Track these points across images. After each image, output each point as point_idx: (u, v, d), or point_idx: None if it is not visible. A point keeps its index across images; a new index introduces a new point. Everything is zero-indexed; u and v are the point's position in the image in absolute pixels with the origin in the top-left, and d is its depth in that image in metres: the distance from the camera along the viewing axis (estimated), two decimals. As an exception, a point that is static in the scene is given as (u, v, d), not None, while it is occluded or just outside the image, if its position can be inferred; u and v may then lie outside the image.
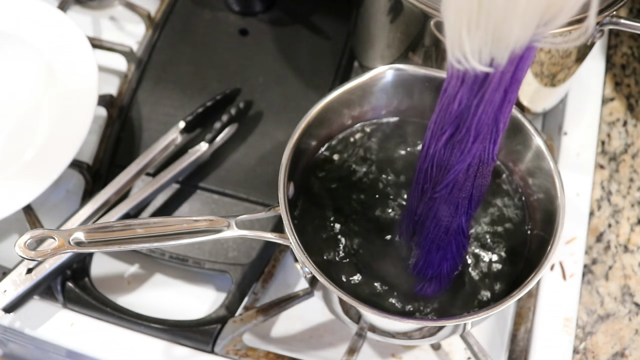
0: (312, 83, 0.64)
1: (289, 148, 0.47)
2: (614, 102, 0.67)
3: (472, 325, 0.48)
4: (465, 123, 0.34)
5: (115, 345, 0.53)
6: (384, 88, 0.51)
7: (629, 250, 0.59)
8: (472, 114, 0.33)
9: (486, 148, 0.35)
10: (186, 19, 0.69)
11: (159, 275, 0.59)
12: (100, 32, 0.73)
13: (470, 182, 0.37)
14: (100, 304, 0.54)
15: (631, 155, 0.64)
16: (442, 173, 0.37)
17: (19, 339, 0.55)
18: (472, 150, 0.35)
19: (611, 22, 0.50)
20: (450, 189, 0.38)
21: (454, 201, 0.39)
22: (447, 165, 0.37)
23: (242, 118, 0.61)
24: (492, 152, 0.36)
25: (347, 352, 0.50)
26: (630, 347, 0.55)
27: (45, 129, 0.59)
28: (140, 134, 0.62)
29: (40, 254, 0.41)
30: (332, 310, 0.49)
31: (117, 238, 0.43)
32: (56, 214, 0.60)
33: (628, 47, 0.70)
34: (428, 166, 0.38)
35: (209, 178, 0.60)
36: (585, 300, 0.57)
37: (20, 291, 0.51)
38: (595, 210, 0.61)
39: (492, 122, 0.34)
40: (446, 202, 0.39)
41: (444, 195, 0.38)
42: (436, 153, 0.36)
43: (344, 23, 0.67)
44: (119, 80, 0.69)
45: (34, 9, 0.64)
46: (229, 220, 0.45)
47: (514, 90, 0.32)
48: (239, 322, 0.53)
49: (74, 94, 0.60)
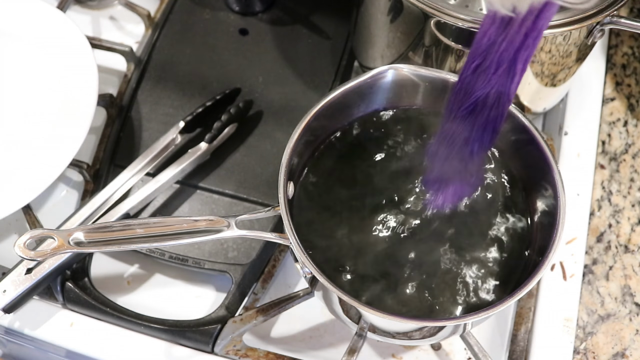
0: (312, 83, 0.64)
1: (289, 148, 0.47)
2: (615, 102, 0.67)
3: (472, 325, 0.48)
4: (490, 56, 0.40)
5: (115, 345, 0.53)
6: (384, 88, 0.51)
7: (629, 250, 0.59)
8: (496, 50, 0.39)
9: (504, 84, 0.41)
10: (186, 18, 0.69)
11: (159, 275, 0.59)
12: (100, 32, 0.73)
13: (486, 112, 0.42)
14: (100, 304, 0.54)
15: (632, 155, 0.64)
16: (467, 97, 0.43)
17: (18, 339, 0.55)
18: (491, 80, 0.41)
19: (612, 22, 0.50)
20: (470, 111, 0.43)
21: (470, 123, 0.43)
22: (472, 90, 0.42)
23: (242, 118, 0.61)
24: (509, 91, 0.41)
25: (347, 352, 0.50)
26: (631, 348, 0.55)
27: (45, 129, 0.59)
28: (140, 134, 0.62)
29: (40, 254, 0.41)
30: (332, 310, 0.49)
31: (117, 238, 0.43)
32: (56, 214, 0.60)
33: (629, 47, 0.70)
34: (459, 88, 0.43)
35: (209, 178, 0.60)
36: (585, 301, 0.56)
37: (20, 291, 0.51)
38: (596, 211, 0.61)
39: (512, 60, 0.39)
40: (464, 123, 0.44)
41: (464, 115, 0.43)
42: (466, 78, 0.42)
43: (344, 23, 0.67)
44: (118, 80, 0.69)
45: (34, 8, 0.64)
46: (229, 220, 0.45)
47: (534, 36, 0.38)
48: (239, 322, 0.53)
49: (73, 94, 0.60)
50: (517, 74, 0.40)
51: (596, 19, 0.48)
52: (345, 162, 0.52)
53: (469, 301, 0.47)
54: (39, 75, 0.62)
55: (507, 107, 0.43)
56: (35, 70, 0.62)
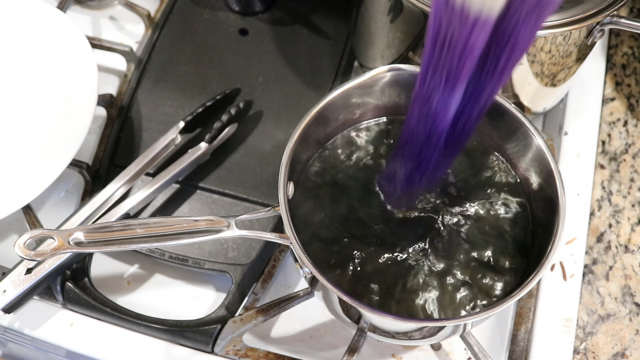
0: (312, 83, 0.64)
1: (289, 148, 0.47)
2: (615, 102, 0.67)
3: (472, 325, 0.48)
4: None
5: (114, 345, 0.53)
6: (384, 88, 0.51)
7: (629, 250, 0.59)
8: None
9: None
10: (186, 18, 0.69)
11: (159, 276, 0.59)
12: (100, 32, 0.73)
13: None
14: (100, 304, 0.54)
15: (632, 155, 0.64)
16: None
17: (18, 339, 0.55)
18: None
19: (611, 22, 0.50)
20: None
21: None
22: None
23: (242, 118, 0.61)
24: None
25: (347, 352, 0.50)
26: (631, 348, 0.55)
27: (44, 129, 0.59)
28: (140, 134, 0.62)
29: (40, 254, 0.41)
30: (332, 310, 0.49)
31: (117, 238, 0.43)
32: (56, 214, 0.60)
33: (628, 47, 0.70)
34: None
35: (208, 178, 0.60)
36: (585, 301, 0.56)
37: (20, 291, 0.51)
38: (596, 211, 0.61)
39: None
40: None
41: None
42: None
43: (344, 23, 0.67)
44: (118, 80, 0.69)
45: (34, 8, 0.64)
46: (229, 220, 0.45)
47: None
48: (239, 322, 0.53)
49: (73, 94, 0.60)
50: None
51: (596, 19, 0.48)
52: (345, 162, 0.52)
53: (469, 300, 0.47)
54: (39, 75, 0.62)
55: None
56: (35, 70, 0.62)
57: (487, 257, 0.48)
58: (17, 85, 0.62)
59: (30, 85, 0.62)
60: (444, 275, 0.47)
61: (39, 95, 0.61)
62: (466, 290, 0.47)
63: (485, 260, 0.48)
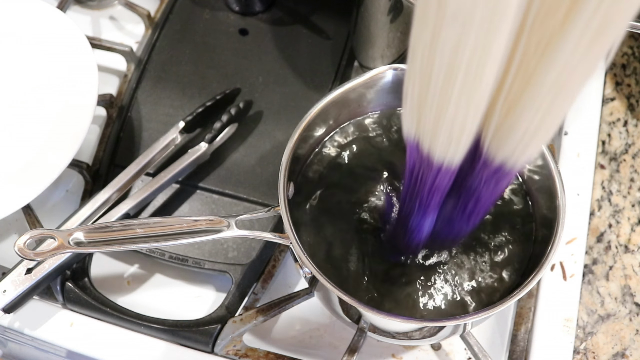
0: (312, 83, 0.64)
1: (289, 148, 0.47)
2: (615, 101, 0.67)
3: (472, 325, 0.48)
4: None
5: (115, 345, 0.53)
6: (384, 88, 0.51)
7: (629, 250, 0.59)
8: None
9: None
10: (186, 18, 0.69)
11: (159, 276, 0.59)
12: (100, 32, 0.73)
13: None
14: (100, 304, 0.54)
15: (632, 155, 0.64)
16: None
17: (18, 339, 0.55)
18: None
19: (612, 22, 0.49)
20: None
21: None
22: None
23: (242, 118, 0.61)
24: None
25: (347, 352, 0.50)
26: (631, 348, 0.55)
27: (44, 129, 0.59)
28: (140, 134, 0.62)
29: (40, 254, 0.41)
30: (332, 310, 0.49)
31: (117, 238, 0.43)
32: (56, 214, 0.60)
33: (628, 47, 0.70)
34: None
35: (208, 178, 0.60)
36: (585, 301, 0.56)
37: (20, 291, 0.51)
38: (596, 211, 0.61)
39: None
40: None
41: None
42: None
43: (344, 23, 0.67)
44: (118, 80, 0.69)
45: (33, 8, 0.64)
46: (229, 220, 0.45)
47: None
48: (239, 322, 0.53)
49: (73, 94, 0.60)
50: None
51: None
52: (345, 162, 0.52)
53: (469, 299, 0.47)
54: (38, 75, 0.62)
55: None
56: (35, 70, 0.62)
57: (487, 256, 0.48)
58: (17, 85, 0.62)
59: (30, 85, 0.62)
60: (444, 275, 0.47)
61: (39, 95, 0.61)
62: (466, 290, 0.47)
63: (486, 259, 0.48)
